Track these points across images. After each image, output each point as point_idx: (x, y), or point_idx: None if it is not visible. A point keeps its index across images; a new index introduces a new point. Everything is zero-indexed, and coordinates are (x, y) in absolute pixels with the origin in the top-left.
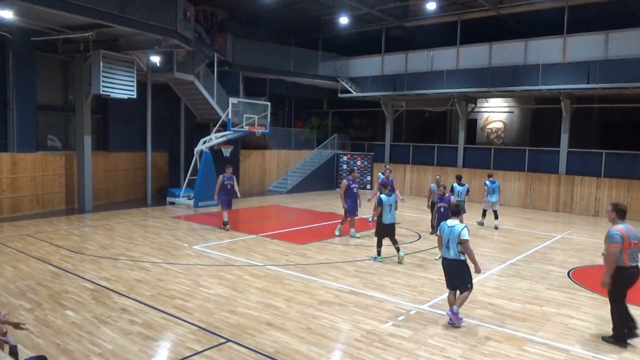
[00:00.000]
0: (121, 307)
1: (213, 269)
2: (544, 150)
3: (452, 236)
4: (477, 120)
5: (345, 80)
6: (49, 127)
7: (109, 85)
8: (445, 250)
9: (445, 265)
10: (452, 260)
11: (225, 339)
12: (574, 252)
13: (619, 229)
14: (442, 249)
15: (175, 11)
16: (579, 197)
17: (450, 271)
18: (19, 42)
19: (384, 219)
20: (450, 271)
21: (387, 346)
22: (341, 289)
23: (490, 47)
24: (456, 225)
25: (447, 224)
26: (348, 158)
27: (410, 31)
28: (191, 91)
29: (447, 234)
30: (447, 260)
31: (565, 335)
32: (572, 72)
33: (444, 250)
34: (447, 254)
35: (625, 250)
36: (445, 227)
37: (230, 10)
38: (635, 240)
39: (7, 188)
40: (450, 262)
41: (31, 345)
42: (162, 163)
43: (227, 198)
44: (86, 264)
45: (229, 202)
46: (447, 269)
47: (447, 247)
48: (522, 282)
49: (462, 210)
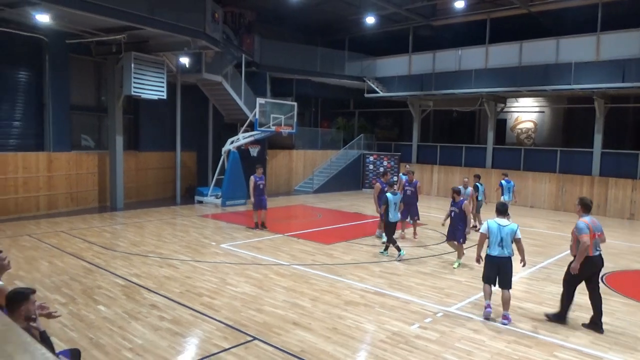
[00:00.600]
0: (151, 303)
1: (240, 268)
2: (576, 151)
3: (505, 235)
4: (506, 120)
5: (371, 80)
6: (83, 127)
7: (140, 86)
8: (497, 248)
9: (495, 262)
10: (505, 258)
11: (252, 337)
12: (607, 257)
13: (585, 221)
14: (492, 246)
15: (204, 13)
16: (613, 200)
17: (500, 269)
18: (54, 45)
19: (390, 217)
20: (500, 269)
21: (413, 348)
22: (367, 290)
23: (521, 45)
24: (510, 224)
25: (498, 223)
26: (374, 158)
27: (437, 30)
28: (219, 92)
29: (497, 232)
30: (498, 259)
31: (598, 341)
32: (606, 71)
33: (493, 249)
34: (502, 252)
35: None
36: (495, 225)
37: (258, 11)
38: (599, 232)
39: (43, 186)
40: (503, 260)
41: (65, 338)
42: (191, 162)
43: (261, 198)
44: (117, 260)
45: (263, 202)
46: (497, 266)
47: (499, 246)
48: (553, 286)
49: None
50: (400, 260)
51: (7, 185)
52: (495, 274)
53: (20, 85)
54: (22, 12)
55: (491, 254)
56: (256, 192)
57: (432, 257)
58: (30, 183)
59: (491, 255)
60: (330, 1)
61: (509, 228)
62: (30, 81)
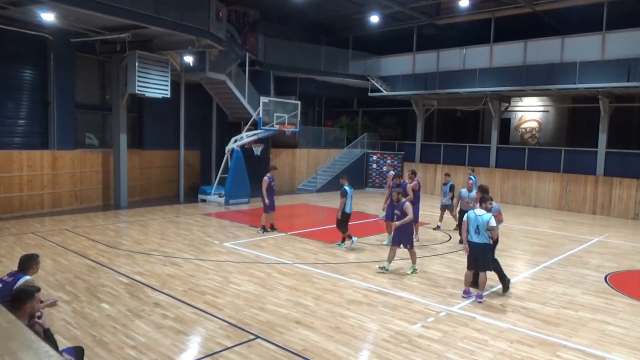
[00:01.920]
0: (154, 302)
1: (243, 266)
2: (580, 151)
3: (481, 223)
4: (510, 119)
5: (375, 79)
6: (87, 125)
7: (144, 84)
8: (474, 235)
9: (472, 248)
10: (480, 244)
11: (255, 335)
12: (611, 256)
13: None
14: (469, 234)
15: (208, 12)
16: (618, 199)
17: (477, 254)
18: (59, 44)
19: (347, 208)
20: (477, 254)
21: (416, 347)
22: (370, 289)
23: (525, 44)
24: (484, 214)
25: (475, 213)
26: (378, 157)
27: (442, 29)
28: (223, 90)
29: (474, 221)
30: (475, 245)
31: (601, 341)
32: (611, 70)
33: (471, 236)
34: (477, 238)
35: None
36: (473, 215)
37: (262, 9)
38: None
39: (47, 184)
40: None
41: (69, 336)
42: (194, 161)
43: (273, 200)
44: (121, 258)
45: (274, 204)
46: (474, 252)
47: (476, 233)
48: (556, 286)
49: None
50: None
51: (12, 183)
52: (473, 259)
53: (25, 83)
54: (27, 11)
55: (470, 240)
56: (269, 193)
57: (435, 257)
58: (35, 181)
59: (470, 241)
60: (334, 0)
61: (483, 217)
62: (35, 79)
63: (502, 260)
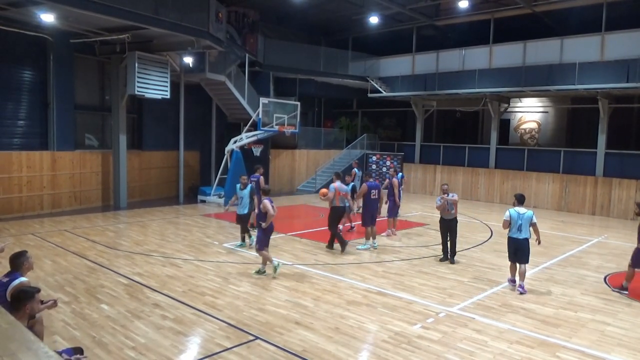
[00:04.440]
0: (154, 302)
1: (242, 267)
2: (580, 152)
3: (524, 220)
4: (510, 120)
5: (375, 80)
6: (87, 126)
7: (144, 85)
8: (516, 232)
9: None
10: (521, 240)
11: (254, 336)
12: (610, 257)
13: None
14: (512, 230)
15: (208, 13)
16: (617, 200)
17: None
18: (59, 45)
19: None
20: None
21: (415, 348)
22: (369, 290)
23: (525, 45)
24: (526, 212)
25: (517, 211)
26: (377, 158)
27: (441, 30)
28: (223, 91)
29: (516, 219)
30: (518, 241)
31: (600, 342)
32: (610, 71)
33: (514, 232)
34: (519, 235)
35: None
36: (516, 213)
37: (261, 10)
38: (343, 191)
39: (47, 185)
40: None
41: (68, 336)
42: (194, 162)
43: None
44: (121, 259)
45: None
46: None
47: (518, 230)
48: (556, 287)
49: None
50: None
51: (11, 184)
52: (515, 253)
53: (25, 84)
54: (26, 12)
55: (512, 236)
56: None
57: (434, 257)
58: (34, 182)
59: (511, 237)
60: (333, 1)
61: (527, 215)
62: (35, 80)
63: (502, 260)
